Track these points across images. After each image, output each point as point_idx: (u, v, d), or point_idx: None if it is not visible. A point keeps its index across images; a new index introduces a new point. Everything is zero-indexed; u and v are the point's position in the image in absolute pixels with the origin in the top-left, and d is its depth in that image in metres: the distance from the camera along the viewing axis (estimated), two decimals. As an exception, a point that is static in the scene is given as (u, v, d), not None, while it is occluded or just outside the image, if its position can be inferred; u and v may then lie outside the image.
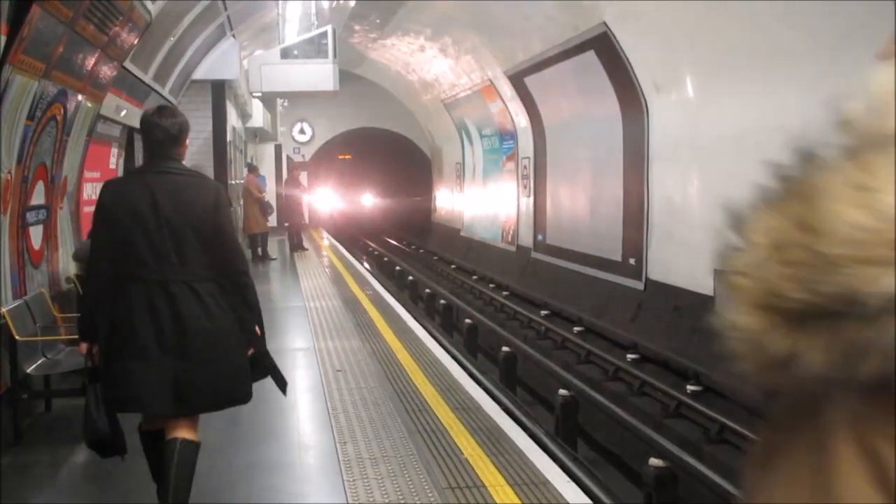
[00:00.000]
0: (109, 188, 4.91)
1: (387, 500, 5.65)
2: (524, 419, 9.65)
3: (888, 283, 0.49)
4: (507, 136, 22.69)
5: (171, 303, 4.58)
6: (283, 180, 27.84)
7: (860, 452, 0.56)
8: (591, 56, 14.81)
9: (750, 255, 0.61)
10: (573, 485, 5.91)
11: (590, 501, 5.68)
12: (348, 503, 5.47)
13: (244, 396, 4.96)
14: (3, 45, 6.75)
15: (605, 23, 13.87)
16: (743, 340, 0.62)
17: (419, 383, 8.70)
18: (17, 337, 7.32)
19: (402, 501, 5.58)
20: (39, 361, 7.67)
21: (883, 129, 0.61)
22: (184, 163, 5.09)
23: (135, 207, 4.63)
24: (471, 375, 9.48)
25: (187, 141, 5.02)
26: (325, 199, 42.37)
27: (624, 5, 13.22)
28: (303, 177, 30.38)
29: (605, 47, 14.25)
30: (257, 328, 4.99)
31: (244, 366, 4.89)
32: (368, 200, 46.58)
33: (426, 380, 8.84)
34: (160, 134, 4.78)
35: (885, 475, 0.54)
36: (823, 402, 0.57)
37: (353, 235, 36.90)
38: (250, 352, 4.94)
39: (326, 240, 27.70)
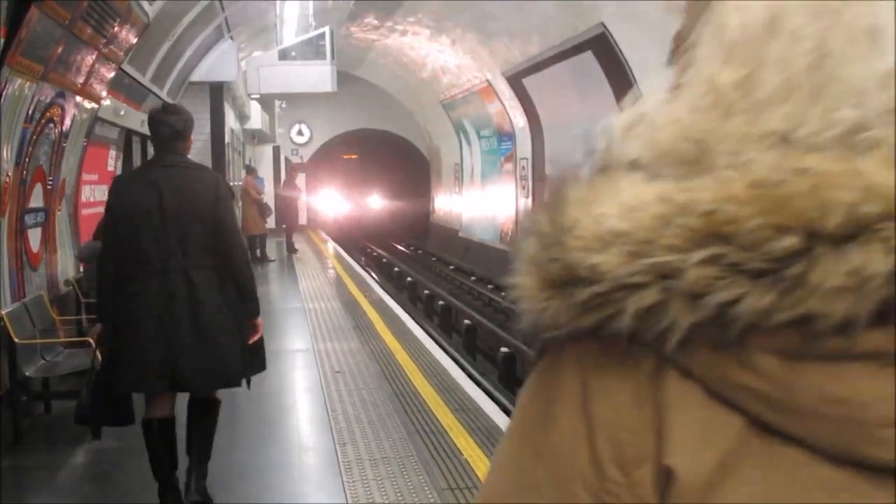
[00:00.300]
0: (117, 186, 5.34)
1: (386, 501, 5.65)
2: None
3: (595, 261, 0.73)
4: (505, 136, 22.68)
5: (171, 291, 4.87)
6: (282, 182, 27.84)
7: (576, 383, 0.79)
8: (589, 56, 14.83)
9: (533, 235, 0.81)
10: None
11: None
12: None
13: (235, 380, 5.15)
14: (1, 47, 6.75)
15: (603, 23, 13.88)
16: (520, 296, 0.82)
17: (418, 384, 8.70)
18: (15, 339, 7.32)
19: (402, 502, 5.59)
20: (38, 364, 7.67)
21: (612, 155, 0.82)
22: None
23: (141, 203, 4.90)
24: (470, 376, 9.51)
25: (192, 137, 5.40)
26: (329, 202, 41.48)
27: (622, 5, 13.23)
28: (300, 179, 30.35)
29: (603, 48, 14.26)
30: (258, 321, 5.18)
31: (236, 350, 5.02)
32: (376, 202, 43.49)
33: (425, 380, 8.84)
34: (166, 130, 5.10)
35: (588, 401, 0.78)
36: (563, 345, 0.79)
37: (355, 238, 36.55)
38: (252, 340, 5.15)
39: (325, 242, 27.67)
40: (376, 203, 43.65)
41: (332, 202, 42.34)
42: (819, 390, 0.73)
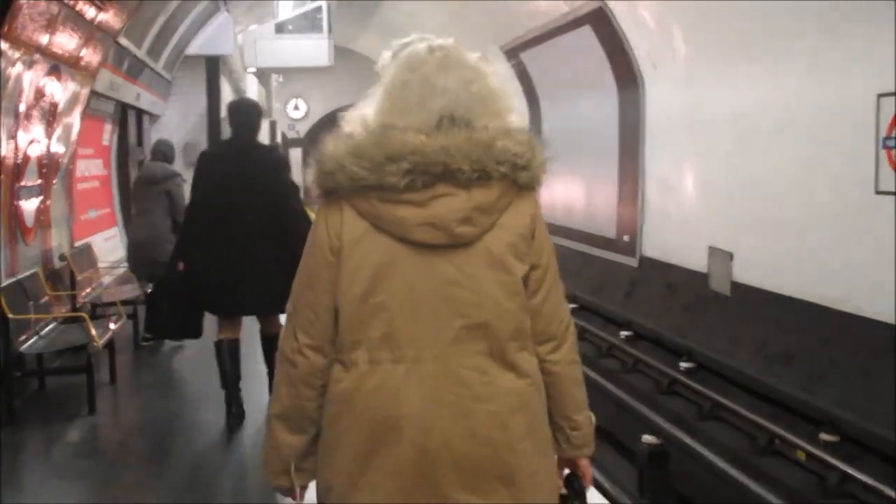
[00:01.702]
0: (206, 157, 6.83)
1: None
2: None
3: (327, 168, 2.48)
4: (502, 111, 22.66)
5: (242, 240, 6.34)
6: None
7: (322, 213, 2.54)
8: (587, 31, 14.76)
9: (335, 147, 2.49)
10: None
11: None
12: None
13: (280, 308, 6.41)
14: (-7, 21, 6.72)
15: (600, -2, 13.83)
16: (335, 165, 2.46)
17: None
18: (9, 315, 7.32)
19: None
20: (32, 340, 7.67)
21: (345, 128, 2.56)
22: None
23: (226, 172, 6.46)
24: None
25: (261, 122, 6.89)
26: None
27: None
28: (297, 153, 30.28)
29: (601, 22, 14.19)
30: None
31: (282, 286, 5.71)
32: None
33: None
34: (244, 119, 6.64)
35: (324, 217, 2.53)
36: (321, 201, 2.54)
37: None
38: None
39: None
40: None
41: None
42: (390, 213, 2.40)
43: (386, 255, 2.42)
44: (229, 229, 6.33)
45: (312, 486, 2.61)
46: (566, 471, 2.72)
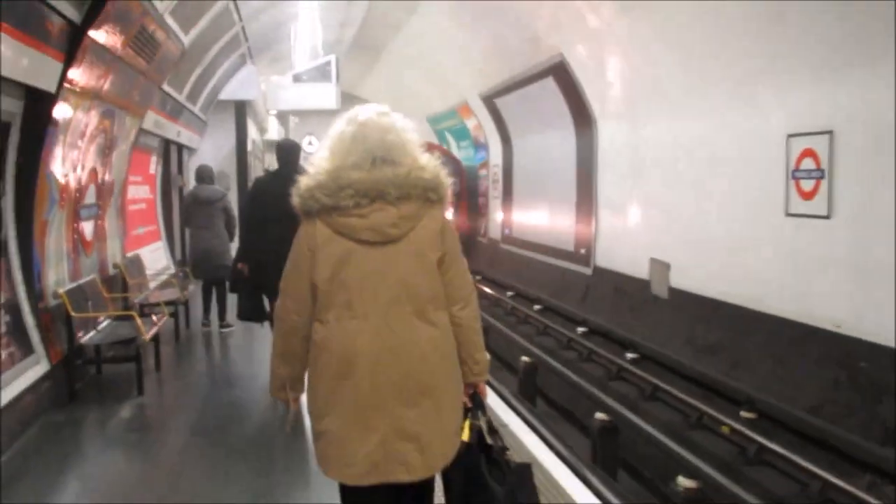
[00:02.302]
0: (260, 183, 7.32)
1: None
2: (493, 382, 9.70)
3: (304, 197, 3.20)
4: (480, 147, 22.69)
5: (283, 241, 6.61)
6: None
7: (302, 229, 3.23)
8: (550, 82, 14.84)
9: (306, 182, 3.20)
10: (533, 434, 5.95)
11: (544, 445, 5.72)
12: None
13: None
14: (60, 70, 6.73)
15: (562, 53, 13.91)
16: (307, 195, 3.17)
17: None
18: (72, 313, 7.32)
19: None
20: (91, 334, 7.67)
21: (309, 170, 3.25)
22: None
23: (273, 193, 6.53)
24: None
25: (299, 157, 7.22)
26: None
27: (578, 39, 13.26)
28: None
29: (561, 74, 14.28)
30: None
31: None
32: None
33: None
34: (287, 154, 7.13)
35: (303, 233, 3.22)
36: (310, 215, 3.18)
37: None
38: None
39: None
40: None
41: None
42: (345, 223, 3.11)
43: (344, 250, 3.14)
44: (279, 236, 6.53)
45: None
46: (471, 391, 3.36)
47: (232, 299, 8.82)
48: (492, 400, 6.78)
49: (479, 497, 3.27)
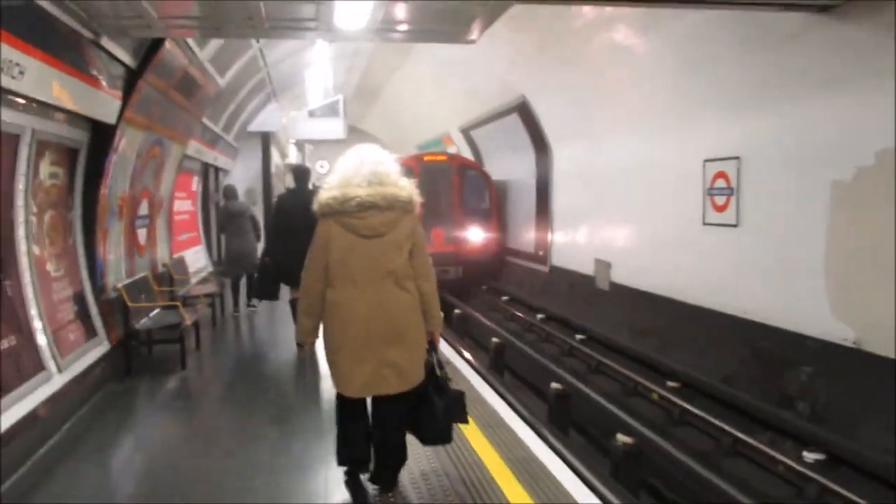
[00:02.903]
0: (283, 197, 7.68)
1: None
2: (469, 358, 9.72)
3: (324, 205, 3.96)
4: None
5: (297, 242, 6.07)
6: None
7: (321, 226, 3.97)
8: (515, 117, 14.89)
9: (324, 195, 3.93)
10: (502, 402, 5.96)
11: (510, 409, 5.74)
12: None
13: None
14: (119, 107, 6.72)
15: (524, 95, 13.96)
16: (325, 204, 3.91)
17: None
18: (129, 304, 7.30)
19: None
20: (143, 320, 7.64)
21: (324, 187, 4.01)
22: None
23: (292, 206, 7.16)
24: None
25: (309, 177, 7.66)
26: None
27: (537, 84, 13.32)
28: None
29: (524, 112, 14.33)
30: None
31: None
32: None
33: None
34: (303, 174, 7.64)
35: (323, 229, 3.95)
36: (327, 216, 3.93)
37: None
38: None
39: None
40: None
41: None
42: (350, 223, 3.87)
43: (348, 242, 3.92)
44: (294, 238, 6.57)
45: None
46: (429, 337, 4.11)
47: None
48: (467, 372, 6.81)
49: (425, 407, 4.08)
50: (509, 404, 6.43)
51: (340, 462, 4.23)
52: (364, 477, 4.25)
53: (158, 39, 6.84)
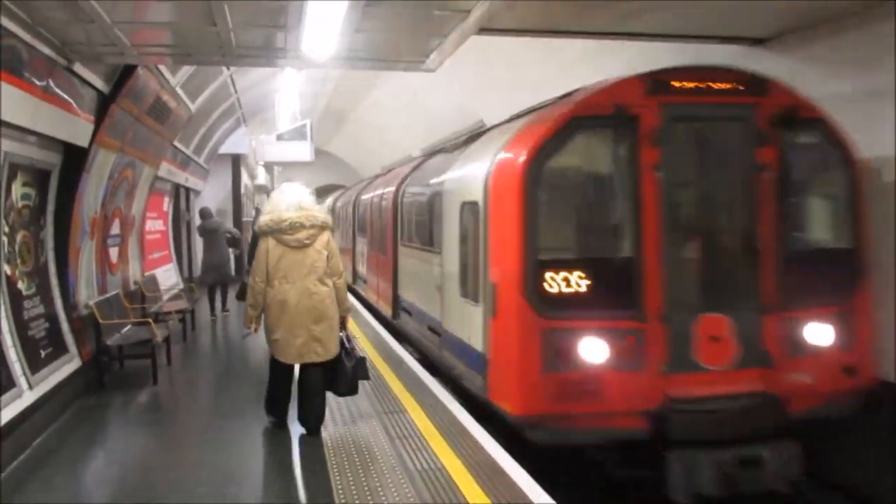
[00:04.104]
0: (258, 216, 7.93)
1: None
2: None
3: (262, 227, 5.20)
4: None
5: None
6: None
7: (262, 242, 5.19)
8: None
9: (263, 219, 5.23)
10: (436, 383, 5.96)
11: (443, 392, 5.78)
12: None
13: None
14: (92, 130, 6.65)
15: (482, 120, 14.12)
16: (264, 225, 5.18)
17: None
18: (100, 320, 7.18)
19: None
20: (115, 336, 7.51)
21: (263, 213, 5.35)
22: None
23: None
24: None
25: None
26: None
27: (491, 111, 13.49)
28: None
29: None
30: None
31: None
32: None
33: (367, 343, 8.82)
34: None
35: (264, 244, 5.19)
36: (265, 234, 5.17)
37: None
38: None
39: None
40: None
41: None
42: (282, 238, 5.17)
43: (282, 251, 5.19)
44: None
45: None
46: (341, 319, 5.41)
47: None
48: (414, 366, 6.81)
49: (339, 368, 5.31)
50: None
51: (269, 412, 5.60)
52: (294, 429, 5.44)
53: (131, 66, 6.79)
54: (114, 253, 8.67)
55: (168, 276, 12.90)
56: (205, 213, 11.89)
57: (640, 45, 8.09)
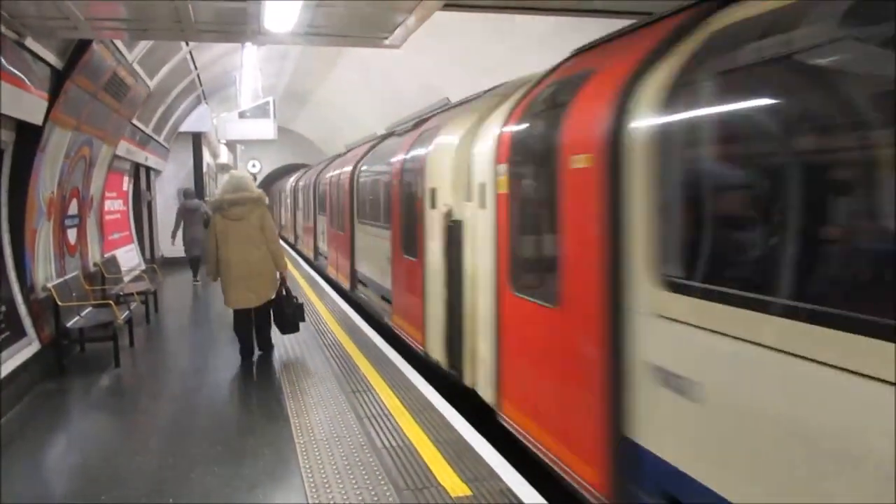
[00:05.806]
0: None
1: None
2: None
3: (216, 204, 6.70)
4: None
5: None
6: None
7: (214, 221, 6.69)
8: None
9: (213, 200, 6.88)
10: (417, 374, 5.96)
11: (421, 377, 5.75)
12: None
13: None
14: (46, 107, 6.40)
15: (447, 97, 13.99)
16: (213, 203, 6.91)
17: (345, 342, 8.63)
18: (59, 303, 6.97)
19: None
20: (75, 319, 7.31)
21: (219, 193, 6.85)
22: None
23: None
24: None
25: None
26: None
27: (457, 88, 13.39)
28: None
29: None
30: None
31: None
32: None
33: (348, 338, 8.78)
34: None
35: (216, 222, 6.68)
36: (215, 211, 6.71)
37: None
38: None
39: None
40: None
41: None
42: (227, 214, 6.63)
43: (226, 224, 6.61)
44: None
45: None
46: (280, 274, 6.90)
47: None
48: (391, 356, 6.80)
49: (281, 311, 6.97)
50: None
51: (241, 353, 7.00)
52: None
53: (86, 41, 6.53)
54: (72, 234, 8.41)
55: (130, 258, 12.62)
56: (187, 193, 13.47)
57: (606, 21, 8.07)
